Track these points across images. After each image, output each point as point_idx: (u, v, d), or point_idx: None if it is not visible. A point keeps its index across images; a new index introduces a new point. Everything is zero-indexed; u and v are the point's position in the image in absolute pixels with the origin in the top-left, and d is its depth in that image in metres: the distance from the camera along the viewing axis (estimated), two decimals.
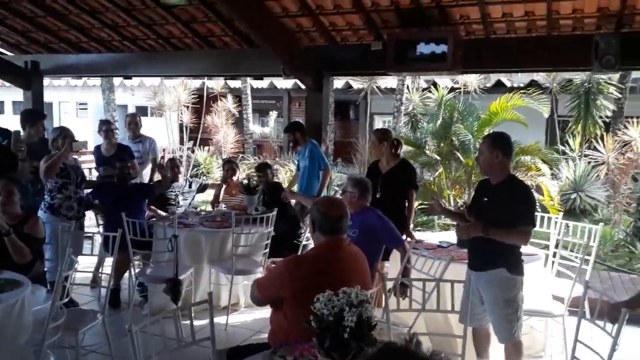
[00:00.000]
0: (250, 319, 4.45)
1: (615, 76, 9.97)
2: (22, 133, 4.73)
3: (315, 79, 5.75)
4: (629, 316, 2.13)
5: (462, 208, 3.60)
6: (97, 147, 5.70)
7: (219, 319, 4.31)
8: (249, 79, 14.05)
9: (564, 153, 10.06)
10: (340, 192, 4.00)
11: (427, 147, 7.37)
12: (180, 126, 13.57)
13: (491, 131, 3.29)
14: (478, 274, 3.11)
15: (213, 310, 2.30)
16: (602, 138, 9.30)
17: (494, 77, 12.07)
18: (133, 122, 5.92)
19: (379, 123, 16.32)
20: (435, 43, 4.76)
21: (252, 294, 2.57)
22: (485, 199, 3.13)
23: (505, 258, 3.04)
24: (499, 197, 3.05)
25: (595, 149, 9.26)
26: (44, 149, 4.64)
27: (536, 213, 3.16)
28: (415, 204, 5.21)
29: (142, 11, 5.71)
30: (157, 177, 5.93)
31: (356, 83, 13.55)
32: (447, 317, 3.34)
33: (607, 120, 10.27)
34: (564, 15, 4.49)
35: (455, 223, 4.01)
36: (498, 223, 2.97)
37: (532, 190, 3.27)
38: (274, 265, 2.65)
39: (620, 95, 10.10)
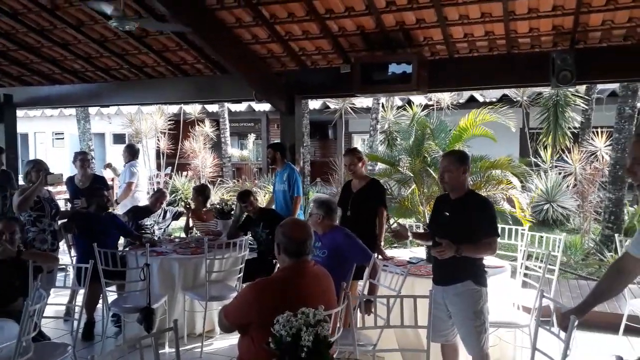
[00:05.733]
0: (226, 345, 4.44)
1: (582, 88, 10.29)
2: None
3: (287, 103, 5.86)
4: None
5: (426, 229, 3.68)
6: (71, 179, 5.69)
7: (194, 346, 4.34)
8: (226, 103, 14.13)
9: (536, 165, 10.30)
10: (308, 215, 4.07)
11: (401, 165, 7.48)
12: (157, 152, 13.56)
13: (453, 149, 3.32)
14: (445, 288, 3.18)
15: (178, 338, 2.32)
16: (570, 149, 9.57)
17: (466, 93, 12.33)
18: None
19: (357, 141, 16.53)
20: (400, 65, 4.92)
21: (220, 321, 2.59)
22: (447, 214, 3.21)
23: (471, 270, 3.13)
24: (460, 211, 3.14)
25: (564, 159, 9.53)
26: (5, 181, 4.65)
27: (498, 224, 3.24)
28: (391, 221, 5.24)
29: (114, 42, 5.77)
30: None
31: (333, 103, 13.74)
32: (418, 332, 3.39)
33: (576, 131, 10.56)
34: (521, 34, 4.68)
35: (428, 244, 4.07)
36: (461, 237, 3.04)
37: (494, 202, 3.37)
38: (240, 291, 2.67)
39: (587, 107, 10.42)
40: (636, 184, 1.93)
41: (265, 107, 14.56)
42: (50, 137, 19.05)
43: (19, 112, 7.50)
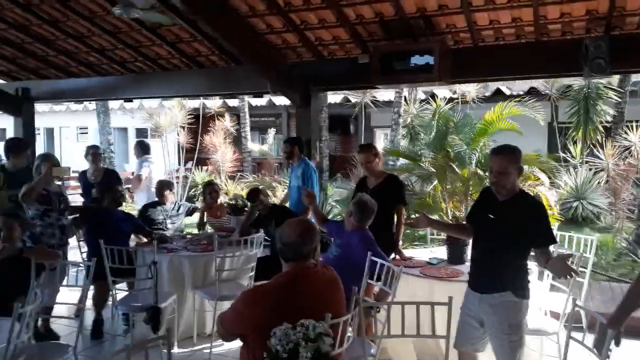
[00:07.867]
0: (236, 346, 4.24)
1: (615, 80, 9.83)
2: (5, 162, 4.70)
3: (303, 95, 5.67)
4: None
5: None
6: (83, 173, 5.62)
7: (204, 347, 4.20)
8: (246, 97, 14.03)
9: (565, 160, 9.88)
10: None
11: (423, 160, 7.21)
12: (178, 146, 13.53)
13: (506, 144, 2.84)
14: (481, 296, 2.90)
15: (171, 344, 2.16)
16: (602, 144, 9.14)
17: (492, 86, 11.94)
18: None
19: (379, 136, 16.22)
20: (421, 54, 4.68)
21: (218, 328, 2.42)
22: (491, 216, 2.88)
23: (512, 280, 2.83)
24: (507, 215, 2.82)
25: (596, 155, 9.11)
26: (29, 178, 4.58)
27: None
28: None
29: (128, 33, 5.68)
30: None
31: (354, 97, 13.47)
32: (438, 341, 3.16)
33: (608, 125, 10.10)
34: (552, 20, 4.38)
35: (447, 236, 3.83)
36: (505, 242, 2.78)
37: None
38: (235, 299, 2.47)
39: (620, 100, 9.94)
40: None
41: (286, 101, 14.34)
42: (74, 131, 19.29)
43: (45, 107, 7.49)
